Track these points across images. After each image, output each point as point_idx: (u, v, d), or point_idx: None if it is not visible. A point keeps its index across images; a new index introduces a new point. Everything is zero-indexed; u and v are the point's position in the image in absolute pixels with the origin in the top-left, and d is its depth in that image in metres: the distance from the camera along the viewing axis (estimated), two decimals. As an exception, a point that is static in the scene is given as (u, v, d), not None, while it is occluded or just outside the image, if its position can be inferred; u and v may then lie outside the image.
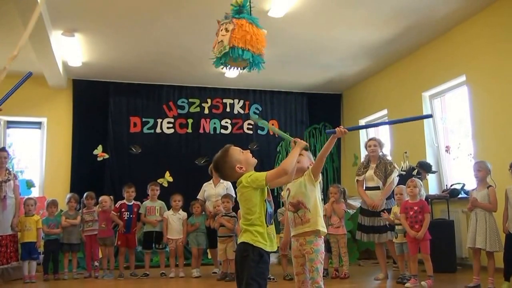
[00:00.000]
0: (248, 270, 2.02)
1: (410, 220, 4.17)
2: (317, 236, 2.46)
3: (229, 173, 2.18)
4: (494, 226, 3.84)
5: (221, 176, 2.30)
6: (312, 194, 2.48)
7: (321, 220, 2.49)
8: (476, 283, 3.87)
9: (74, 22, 5.06)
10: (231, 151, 2.19)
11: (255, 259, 2.04)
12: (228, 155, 2.17)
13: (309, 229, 2.44)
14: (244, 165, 2.16)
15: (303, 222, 2.46)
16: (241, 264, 2.08)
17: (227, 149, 2.20)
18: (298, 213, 2.47)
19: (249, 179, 2.10)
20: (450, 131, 5.93)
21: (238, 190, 2.18)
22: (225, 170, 2.18)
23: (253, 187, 2.09)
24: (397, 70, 6.55)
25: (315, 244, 2.44)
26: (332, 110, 8.02)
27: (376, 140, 4.86)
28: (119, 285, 4.91)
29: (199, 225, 5.37)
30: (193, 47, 5.86)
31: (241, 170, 2.15)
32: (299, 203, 2.48)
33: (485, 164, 3.97)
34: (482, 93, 5.01)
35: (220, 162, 2.20)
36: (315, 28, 5.36)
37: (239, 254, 2.11)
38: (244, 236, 2.11)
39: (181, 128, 7.34)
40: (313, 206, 2.46)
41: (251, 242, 2.06)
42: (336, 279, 4.70)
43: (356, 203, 5.62)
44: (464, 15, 5.07)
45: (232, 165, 2.15)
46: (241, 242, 2.11)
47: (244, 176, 2.13)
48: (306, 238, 2.46)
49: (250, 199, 2.10)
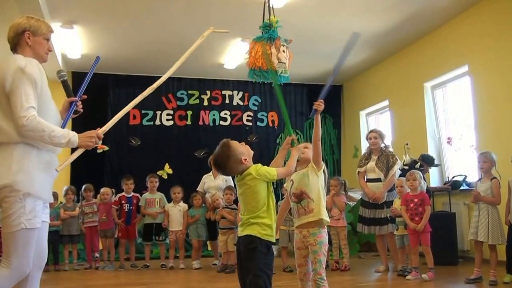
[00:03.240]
0: (257, 262, 2.04)
1: (411, 213, 4.15)
2: (320, 228, 2.47)
3: (234, 167, 2.12)
4: (497, 219, 3.80)
5: (224, 172, 2.23)
6: (315, 184, 2.48)
7: (324, 210, 2.50)
8: (477, 275, 3.84)
9: (73, 14, 5.02)
10: (233, 145, 2.14)
11: (264, 251, 2.06)
12: (231, 149, 2.12)
13: (313, 219, 2.45)
14: (247, 157, 2.15)
15: (306, 212, 2.46)
16: (247, 256, 2.08)
17: (228, 143, 2.14)
18: (302, 203, 2.48)
19: (260, 171, 2.10)
20: (452, 122, 5.88)
21: (244, 183, 2.13)
22: (230, 164, 2.12)
23: (263, 180, 2.10)
24: (398, 61, 6.48)
25: (318, 236, 2.45)
26: (333, 102, 7.95)
27: (377, 132, 4.83)
28: (119, 276, 4.93)
29: (199, 217, 5.37)
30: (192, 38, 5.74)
31: (246, 162, 2.12)
32: (302, 193, 2.48)
33: (490, 155, 3.92)
34: (485, 83, 4.94)
35: (223, 157, 2.12)
36: (315, 18, 5.29)
37: (245, 246, 2.09)
38: (249, 229, 2.10)
39: (181, 120, 7.31)
40: (316, 196, 2.46)
41: (259, 235, 2.07)
42: (336, 271, 4.70)
43: (357, 195, 5.59)
44: (467, 3, 5.00)
45: (237, 158, 2.11)
46: (247, 234, 2.09)
47: (252, 168, 2.11)
48: (309, 230, 2.46)
49: (258, 191, 2.10)
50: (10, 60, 1.98)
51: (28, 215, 1.91)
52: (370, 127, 7.12)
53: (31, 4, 4.34)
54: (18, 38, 2.07)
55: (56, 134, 1.94)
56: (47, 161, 2.04)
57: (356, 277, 4.42)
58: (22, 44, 2.07)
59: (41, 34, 2.10)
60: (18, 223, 1.89)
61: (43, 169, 2.00)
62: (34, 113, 1.91)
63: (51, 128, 1.93)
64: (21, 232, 1.90)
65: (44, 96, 2.03)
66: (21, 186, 1.90)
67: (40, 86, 1.99)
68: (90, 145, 2.06)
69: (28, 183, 1.92)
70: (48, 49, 2.16)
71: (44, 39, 2.12)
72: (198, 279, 4.72)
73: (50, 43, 2.21)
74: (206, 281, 4.51)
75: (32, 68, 1.97)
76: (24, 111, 1.88)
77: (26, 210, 1.90)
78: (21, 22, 2.08)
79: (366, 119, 7.58)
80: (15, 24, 2.08)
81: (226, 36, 5.73)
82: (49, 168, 2.04)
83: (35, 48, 2.08)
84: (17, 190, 1.89)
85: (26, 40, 2.06)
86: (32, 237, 1.93)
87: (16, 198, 1.89)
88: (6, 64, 1.97)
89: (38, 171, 1.97)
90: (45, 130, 1.91)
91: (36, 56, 2.07)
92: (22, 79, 1.91)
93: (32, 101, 1.92)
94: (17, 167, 1.91)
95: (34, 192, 1.93)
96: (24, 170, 1.92)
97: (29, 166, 1.94)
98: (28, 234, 1.91)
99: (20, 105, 1.89)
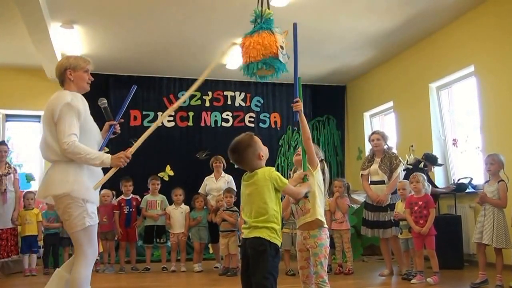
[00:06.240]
0: (266, 264, 2.08)
1: (415, 216, 4.10)
2: (321, 229, 2.46)
3: (250, 157, 2.18)
4: (503, 222, 3.74)
5: (238, 158, 2.23)
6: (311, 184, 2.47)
7: (320, 209, 2.48)
8: (483, 279, 3.79)
9: (73, 14, 4.98)
10: (256, 138, 2.24)
11: (272, 254, 2.11)
12: (253, 140, 2.21)
13: (310, 219, 2.45)
14: (264, 156, 2.23)
15: (304, 213, 2.49)
16: (256, 257, 2.11)
17: (252, 135, 2.25)
18: (299, 204, 2.51)
19: (272, 174, 2.17)
20: (457, 123, 5.80)
21: (253, 182, 2.18)
22: (247, 153, 2.18)
23: (272, 184, 2.15)
24: (403, 61, 6.40)
25: (319, 238, 2.44)
26: (336, 103, 7.88)
27: (380, 134, 4.78)
28: (120, 279, 4.89)
29: (201, 219, 5.32)
30: (194, 38, 5.76)
31: (262, 159, 2.21)
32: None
33: (498, 157, 3.85)
34: (491, 84, 4.86)
35: (244, 144, 2.21)
36: (319, 17, 5.23)
37: (254, 247, 2.12)
38: (258, 231, 2.13)
39: (182, 121, 7.25)
40: (311, 195, 2.46)
41: (268, 238, 2.11)
42: (340, 274, 4.64)
43: (360, 198, 5.53)
44: (472, 2, 4.92)
45: (257, 151, 2.19)
46: (256, 236, 2.12)
47: (265, 169, 2.18)
48: (310, 232, 2.46)
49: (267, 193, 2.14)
50: (59, 96, 2.45)
51: (90, 215, 2.43)
52: (374, 129, 7.03)
53: (31, 4, 4.30)
54: (63, 76, 2.54)
55: (91, 156, 2.39)
56: (96, 173, 2.52)
57: (359, 281, 4.37)
58: (67, 80, 2.54)
59: (80, 68, 2.55)
60: (84, 222, 2.40)
61: (93, 180, 2.49)
62: (75, 139, 2.36)
63: (87, 151, 2.38)
64: (88, 228, 2.43)
65: (87, 122, 2.51)
66: (78, 194, 2.39)
67: (84, 116, 2.46)
68: (120, 164, 2.48)
69: (83, 191, 2.41)
70: (89, 79, 2.60)
71: (83, 72, 2.57)
72: (199, 282, 4.68)
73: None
74: (208, 284, 4.48)
75: (77, 102, 2.44)
76: (66, 137, 2.34)
77: (88, 211, 2.42)
78: (62, 63, 2.56)
79: (370, 121, 7.50)
80: (58, 65, 2.57)
81: (228, 37, 5.69)
82: (96, 179, 2.51)
83: (77, 82, 2.54)
84: (76, 197, 2.39)
85: (69, 77, 2.53)
86: (94, 231, 2.48)
87: (78, 204, 2.39)
88: (56, 100, 2.44)
89: (89, 181, 2.45)
90: (81, 153, 2.36)
91: (78, 88, 2.55)
92: (67, 112, 2.37)
93: (74, 129, 2.38)
94: (73, 179, 2.40)
95: (89, 198, 2.43)
96: (79, 181, 2.41)
97: (83, 178, 2.42)
98: (92, 229, 2.46)
99: (63, 133, 2.35)
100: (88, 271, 2.44)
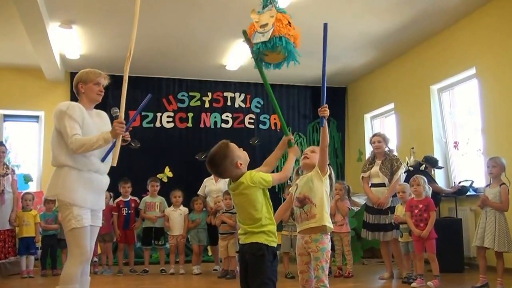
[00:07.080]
0: (265, 270, 2.06)
1: (415, 219, 4.07)
2: (323, 234, 2.42)
3: (228, 168, 2.12)
4: (504, 226, 3.72)
5: (217, 171, 2.18)
6: (319, 190, 2.44)
7: (327, 216, 2.44)
8: (483, 282, 3.77)
9: (71, 14, 4.95)
10: (232, 147, 2.15)
11: (270, 259, 2.09)
12: (229, 150, 2.13)
13: (315, 225, 2.40)
14: (243, 162, 2.15)
15: (308, 218, 2.43)
16: (254, 263, 2.08)
17: (227, 143, 2.16)
18: (304, 208, 2.44)
19: (254, 179, 2.10)
20: (458, 126, 5.77)
21: (239, 192, 2.12)
22: (225, 165, 2.11)
23: (258, 187, 2.10)
24: (404, 62, 6.37)
25: (321, 243, 2.40)
26: (337, 104, 7.82)
27: (381, 136, 4.75)
28: (118, 281, 4.87)
29: (200, 221, 5.28)
30: (193, 39, 5.72)
31: (241, 167, 2.12)
32: (305, 198, 2.45)
33: (500, 160, 3.83)
34: (493, 86, 4.83)
35: (220, 156, 2.12)
36: (320, 18, 5.18)
37: (252, 253, 2.09)
38: (255, 237, 2.09)
39: (181, 122, 7.21)
40: (319, 201, 2.41)
41: (266, 242, 2.09)
42: (339, 277, 4.61)
43: (361, 200, 5.49)
44: (474, 4, 4.89)
45: (233, 160, 2.11)
46: (254, 242, 2.09)
47: (246, 175, 2.12)
48: (312, 236, 2.41)
49: (256, 199, 2.10)
50: (57, 107, 2.63)
51: (76, 218, 2.52)
52: (374, 131, 7.01)
53: (29, 4, 4.27)
54: (77, 89, 2.76)
55: (93, 141, 2.54)
56: (88, 178, 2.60)
57: (359, 284, 4.34)
58: (79, 93, 2.75)
59: (90, 81, 2.73)
60: (69, 225, 2.52)
61: (83, 185, 2.57)
62: (76, 137, 2.51)
63: (88, 139, 2.54)
64: (73, 230, 2.53)
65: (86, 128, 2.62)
66: (63, 197, 2.54)
67: (80, 124, 2.59)
68: (119, 132, 2.58)
69: (70, 195, 2.53)
70: (99, 90, 2.76)
71: (93, 84, 2.73)
72: (198, 285, 4.65)
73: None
74: (207, 287, 4.46)
75: (73, 109, 2.60)
76: (69, 138, 2.51)
77: (74, 214, 2.52)
78: (76, 77, 2.77)
79: (371, 122, 7.47)
80: (74, 80, 2.78)
81: (228, 37, 5.66)
82: (90, 183, 2.61)
83: (87, 94, 2.73)
84: (62, 200, 2.54)
85: (80, 90, 2.74)
86: (82, 233, 2.54)
87: (65, 206, 2.54)
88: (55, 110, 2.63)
89: (78, 186, 2.55)
90: (85, 143, 2.52)
91: (89, 100, 2.73)
92: (64, 117, 2.55)
93: (75, 130, 2.53)
94: (62, 184, 2.55)
95: (75, 202, 2.53)
96: (66, 186, 2.54)
97: (71, 183, 2.54)
98: (78, 232, 2.53)
99: (66, 135, 2.53)
100: (74, 270, 2.51)
